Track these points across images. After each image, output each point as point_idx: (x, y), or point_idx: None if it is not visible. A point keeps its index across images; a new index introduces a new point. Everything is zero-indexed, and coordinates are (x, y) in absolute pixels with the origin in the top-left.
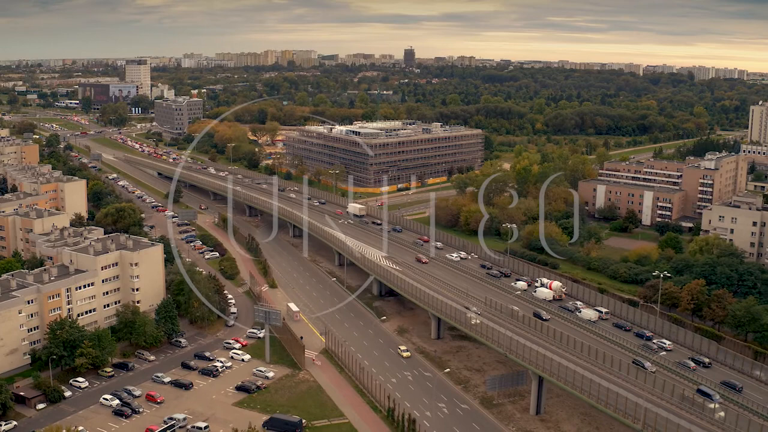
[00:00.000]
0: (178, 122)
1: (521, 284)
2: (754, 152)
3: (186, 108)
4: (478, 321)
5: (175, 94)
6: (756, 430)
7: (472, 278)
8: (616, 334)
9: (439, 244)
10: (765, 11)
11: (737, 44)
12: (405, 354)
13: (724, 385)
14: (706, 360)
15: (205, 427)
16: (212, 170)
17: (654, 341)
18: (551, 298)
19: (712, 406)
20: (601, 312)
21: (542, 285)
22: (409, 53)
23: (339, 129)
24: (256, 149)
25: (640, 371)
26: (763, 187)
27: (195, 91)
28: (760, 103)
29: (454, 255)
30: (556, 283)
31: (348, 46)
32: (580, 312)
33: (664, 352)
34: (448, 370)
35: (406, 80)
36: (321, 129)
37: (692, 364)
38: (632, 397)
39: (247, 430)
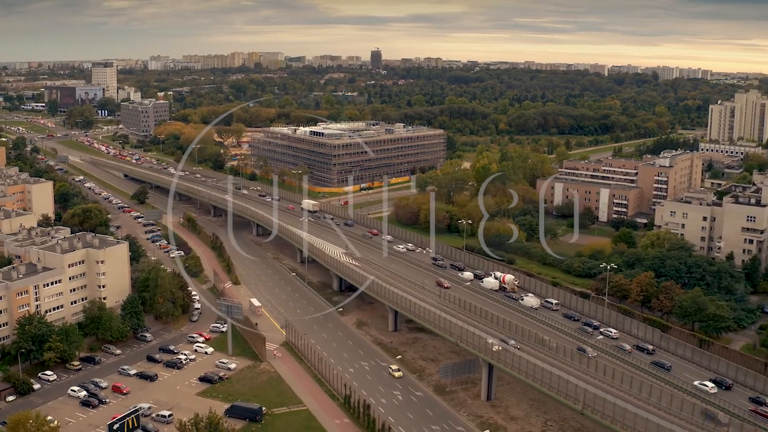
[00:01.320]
0: (144, 124)
1: (467, 275)
2: (712, 150)
3: (152, 110)
4: (499, 348)
5: (142, 97)
6: (677, 402)
7: (419, 268)
8: (563, 322)
9: (389, 237)
10: (730, 11)
11: (703, 44)
12: (397, 374)
13: (653, 365)
14: (650, 347)
15: (169, 415)
16: (172, 170)
17: (601, 330)
18: (497, 288)
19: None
20: (551, 303)
21: (496, 278)
22: (376, 55)
23: (303, 130)
24: (222, 151)
25: (583, 357)
26: (720, 184)
27: (161, 94)
28: (720, 102)
29: (401, 246)
30: (509, 276)
31: (315, 47)
32: (522, 300)
33: (600, 336)
34: (399, 356)
35: (373, 82)
36: (285, 130)
37: (628, 347)
38: (573, 380)
39: (209, 414)
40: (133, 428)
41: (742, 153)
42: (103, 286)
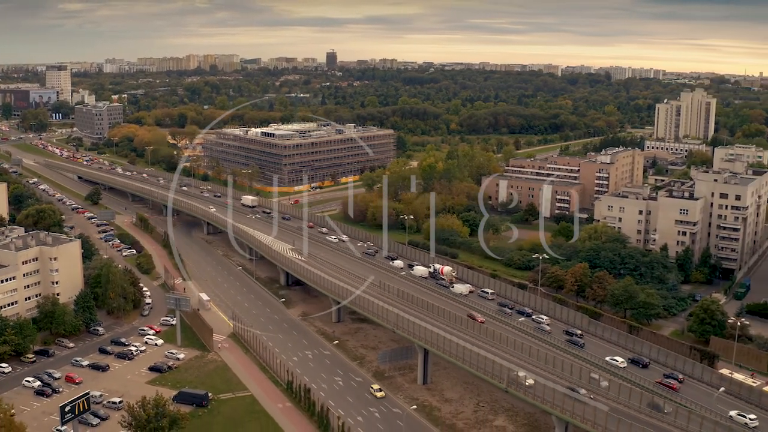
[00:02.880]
0: (98, 127)
1: (398, 263)
2: (657, 148)
3: (106, 113)
4: (532, 381)
5: (96, 100)
6: (585, 375)
7: (351, 258)
8: (487, 305)
9: (324, 229)
10: (685, 12)
11: (657, 45)
12: (378, 394)
13: (568, 342)
14: (578, 332)
15: (120, 402)
16: (120, 170)
17: (533, 317)
18: (426, 275)
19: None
20: (487, 293)
21: (435, 270)
22: (331, 56)
23: (255, 131)
24: (175, 152)
25: (509, 339)
26: (663, 180)
27: (116, 96)
28: (666, 101)
29: (333, 237)
30: (447, 268)
31: (271, 49)
32: (453, 287)
33: (522, 318)
34: (336, 341)
35: (328, 83)
36: (237, 131)
37: (547, 326)
38: (499, 361)
39: (155, 397)
40: (84, 411)
41: (686, 150)
42: (57, 283)
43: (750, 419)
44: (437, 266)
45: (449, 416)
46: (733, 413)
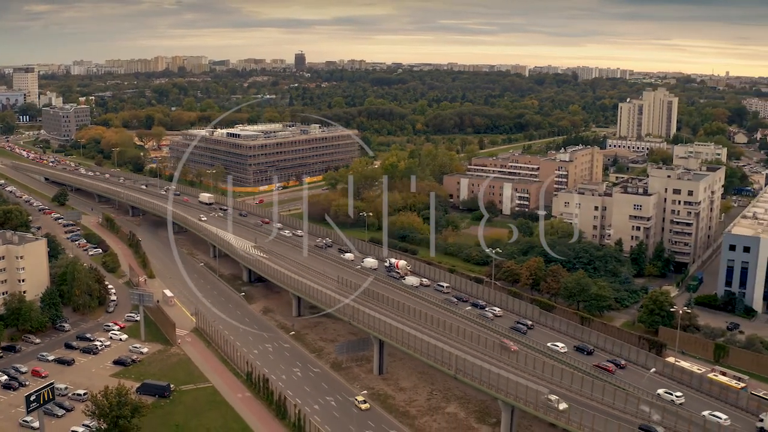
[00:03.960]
0: (65, 129)
1: (349, 256)
2: (619, 146)
3: (73, 115)
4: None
5: (64, 102)
6: (530, 360)
7: (303, 250)
8: (435, 296)
9: (279, 225)
10: (652, 12)
11: (625, 45)
12: (363, 406)
13: (511, 329)
14: (529, 322)
15: (84, 394)
16: (83, 170)
17: (486, 309)
18: (375, 267)
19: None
20: (443, 286)
21: (390, 264)
22: (300, 57)
23: (220, 132)
24: (142, 154)
25: (459, 330)
26: (623, 177)
27: (83, 99)
28: (628, 100)
29: (287, 232)
30: (401, 262)
31: (240, 51)
32: (405, 279)
33: (469, 307)
34: (293, 333)
35: (296, 84)
36: (203, 132)
37: (489, 314)
38: (448, 349)
39: (117, 386)
40: (49, 400)
41: (647, 148)
42: (23, 281)
43: (676, 396)
44: (393, 260)
45: (403, 404)
46: (660, 391)
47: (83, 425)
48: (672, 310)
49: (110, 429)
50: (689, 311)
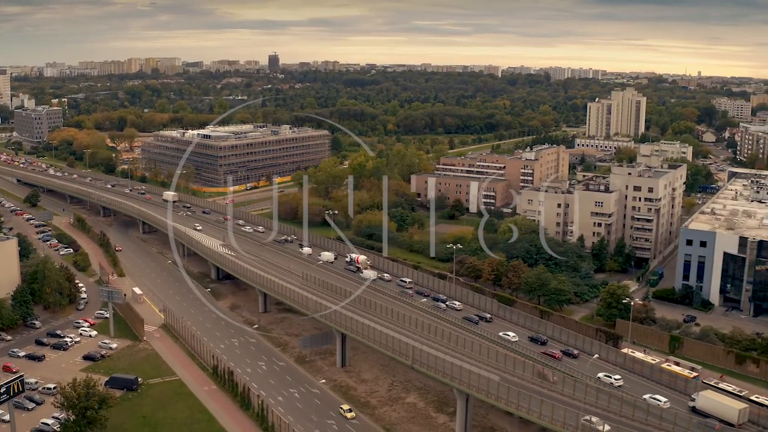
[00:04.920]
0: (37, 131)
1: (307, 250)
2: (586, 145)
3: (45, 117)
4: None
5: (36, 104)
6: (484, 349)
7: (262, 245)
8: (392, 289)
9: (241, 221)
10: (625, 13)
11: (598, 45)
12: (349, 415)
13: (465, 320)
14: (488, 315)
15: (54, 388)
16: (52, 171)
17: (446, 303)
18: (332, 260)
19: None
20: (405, 281)
21: (350, 259)
22: (274, 59)
23: (191, 133)
24: (113, 155)
25: (418, 322)
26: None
27: (56, 101)
28: (597, 100)
29: (247, 227)
30: (362, 257)
31: (213, 52)
32: (363, 273)
33: (424, 299)
34: (256, 326)
35: (270, 86)
36: (174, 134)
37: (443, 305)
38: (406, 340)
39: (85, 378)
40: (18, 392)
41: (614, 147)
42: None
43: (615, 379)
44: (353, 255)
45: (364, 395)
46: (600, 375)
47: (53, 417)
48: (624, 301)
49: (78, 420)
50: (645, 304)
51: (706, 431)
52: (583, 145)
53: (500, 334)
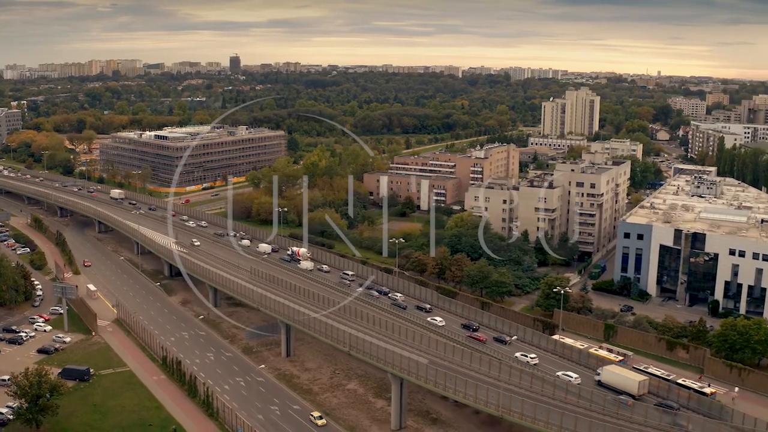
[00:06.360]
0: None
1: (245, 242)
2: (540, 144)
3: (4, 119)
4: None
5: None
6: (417, 336)
7: (206, 238)
8: (330, 279)
9: (185, 216)
10: (586, 13)
11: (560, 45)
12: (320, 422)
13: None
14: (428, 306)
15: (8, 379)
16: (6, 172)
17: (389, 295)
18: (269, 252)
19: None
20: (348, 275)
21: (292, 252)
22: (235, 60)
23: (148, 134)
24: (72, 157)
25: (358, 312)
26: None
27: (15, 103)
28: (552, 99)
29: (191, 223)
30: (302, 250)
31: (175, 54)
32: (300, 264)
33: (360, 289)
34: (201, 317)
35: (230, 87)
36: (132, 135)
37: (375, 293)
38: (344, 328)
39: (37, 368)
40: None
41: (567, 146)
42: None
43: (531, 357)
44: (294, 249)
45: (307, 382)
46: (517, 354)
47: (7, 406)
48: (556, 290)
49: (31, 407)
50: (582, 295)
51: (619, 407)
52: (537, 144)
53: (428, 319)
